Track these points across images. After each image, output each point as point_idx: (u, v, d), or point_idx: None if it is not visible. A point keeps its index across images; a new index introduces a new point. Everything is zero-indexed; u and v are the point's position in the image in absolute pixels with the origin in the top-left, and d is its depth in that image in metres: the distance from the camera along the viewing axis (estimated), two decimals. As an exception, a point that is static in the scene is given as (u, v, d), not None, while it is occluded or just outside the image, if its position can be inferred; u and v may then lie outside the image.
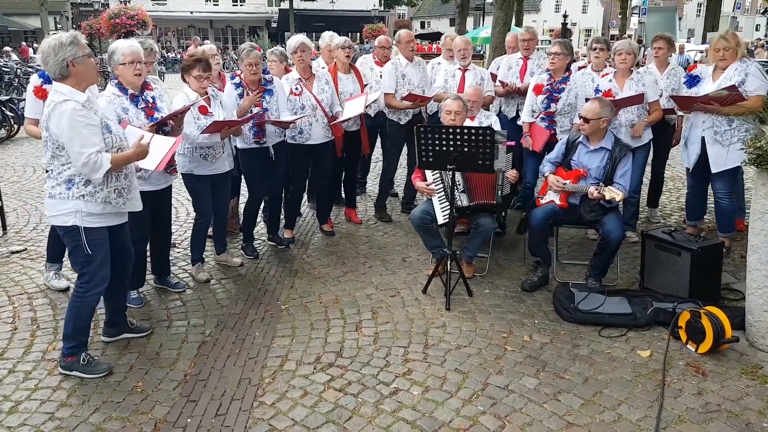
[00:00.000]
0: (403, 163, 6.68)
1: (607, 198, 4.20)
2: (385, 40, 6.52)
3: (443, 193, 4.52)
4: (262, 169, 5.08)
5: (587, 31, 51.50)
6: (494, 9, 11.37)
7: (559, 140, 4.93)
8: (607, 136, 4.50)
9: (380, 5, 50.01)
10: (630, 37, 22.16)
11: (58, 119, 3.06)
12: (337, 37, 5.94)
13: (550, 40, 9.62)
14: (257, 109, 4.82)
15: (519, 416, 3.01)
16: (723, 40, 4.75)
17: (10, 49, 24.59)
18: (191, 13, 45.64)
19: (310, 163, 5.49)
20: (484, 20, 32.44)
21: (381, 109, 6.04)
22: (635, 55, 5.15)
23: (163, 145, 3.57)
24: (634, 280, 4.65)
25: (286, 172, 5.31)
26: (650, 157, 5.85)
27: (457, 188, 4.42)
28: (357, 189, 6.58)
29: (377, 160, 7.45)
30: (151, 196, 4.04)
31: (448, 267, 4.23)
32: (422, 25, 57.38)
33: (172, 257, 4.94)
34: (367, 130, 5.95)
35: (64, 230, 3.27)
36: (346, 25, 40.70)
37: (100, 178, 3.15)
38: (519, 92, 6.02)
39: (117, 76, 3.85)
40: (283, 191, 5.49)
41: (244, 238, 5.26)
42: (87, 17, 34.11)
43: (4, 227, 5.83)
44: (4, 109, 11.03)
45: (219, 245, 4.99)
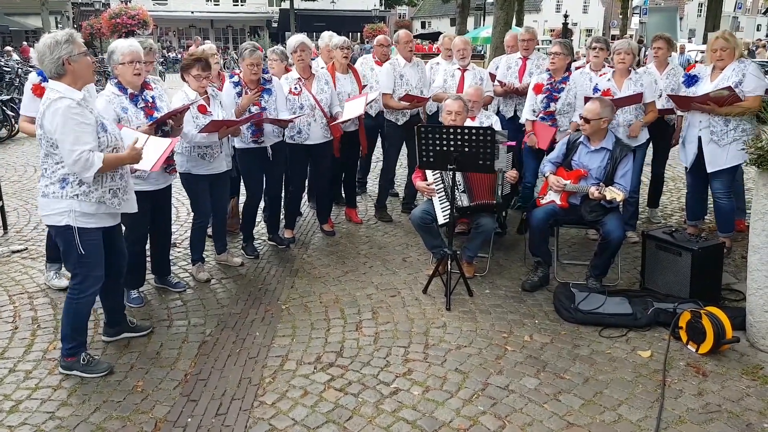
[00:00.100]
0: (404, 163, 6.68)
1: (608, 198, 4.20)
2: (384, 39, 6.52)
3: (444, 193, 4.52)
4: (259, 169, 5.08)
5: (588, 32, 51.42)
6: (495, 9, 11.38)
7: (559, 140, 4.93)
8: (608, 137, 4.50)
9: (381, 5, 49.98)
10: (631, 38, 22.19)
11: (53, 116, 3.03)
12: (336, 36, 5.93)
13: (551, 40, 9.62)
14: (256, 109, 4.82)
15: (519, 416, 3.01)
16: (720, 41, 4.74)
17: (11, 48, 24.65)
18: (192, 12, 45.64)
19: (309, 163, 5.49)
20: (484, 20, 32.51)
21: (381, 108, 6.04)
22: (634, 55, 5.15)
23: (159, 146, 3.56)
24: (635, 281, 4.64)
25: (284, 172, 5.31)
26: (650, 157, 5.87)
27: (458, 188, 4.41)
28: (357, 189, 6.58)
29: (378, 160, 7.44)
30: (151, 196, 4.04)
31: (449, 267, 4.23)
32: (423, 25, 57.36)
33: (173, 257, 4.94)
34: (368, 130, 5.95)
35: (57, 230, 3.23)
36: (347, 25, 40.72)
37: (90, 177, 3.09)
38: (517, 92, 6.02)
39: (116, 76, 3.85)
40: (283, 191, 5.50)
41: (244, 238, 5.26)
42: (88, 17, 34.16)
43: (5, 227, 5.83)
44: (5, 108, 11.03)
45: (219, 245, 4.99)
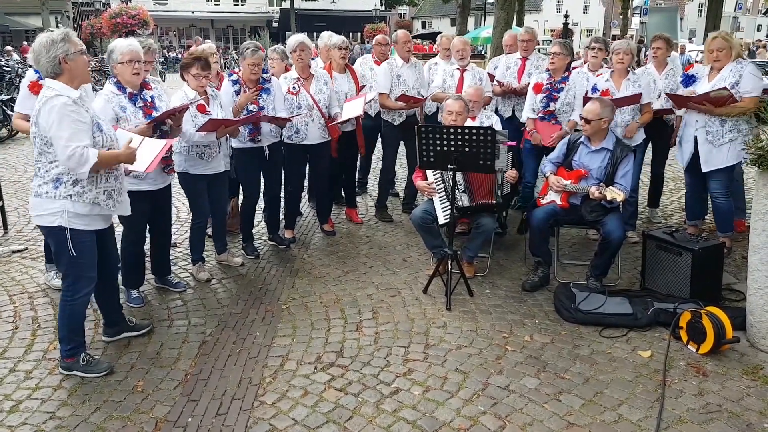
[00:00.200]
0: (404, 163, 6.68)
1: (609, 198, 4.20)
2: (383, 38, 6.51)
3: (444, 192, 4.52)
4: (257, 169, 5.07)
5: (588, 32, 51.36)
6: (495, 9, 11.39)
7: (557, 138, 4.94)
8: (609, 137, 4.50)
9: (381, 5, 49.98)
10: (631, 38, 22.19)
11: (48, 113, 3.01)
12: (335, 36, 5.92)
13: (551, 40, 9.63)
14: (254, 108, 4.82)
15: (519, 416, 3.00)
16: (717, 41, 4.74)
17: (12, 48, 24.66)
18: (192, 12, 45.65)
19: (308, 163, 5.48)
20: (485, 20, 32.52)
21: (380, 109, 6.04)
22: (633, 56, 5.15)
23: (154, 147, 3.54)
24: (635, 281, 4.64)
25: (281, 172, 5.31)
26: (650, 157, 5.86)
27: (458, 188, 4.41)
28: (358, 189, 6.58)
29: (378, 160, 7.43)
30: (151, 196, 4.03)
31: (449, 267, 4.23)
32: (423, 25, 57.34)
33: (173, 257, 4.94)
34: (368, 130, 5.95)
35: (49, 230, 3.19)
36: (348, 25, 40.74)
37: (85, 174, 3.06)
38: (515, 92, 6.02)
39: (116, 75, 3.85)
40: (281, 191, 5.49)
41: (244, 238, 5.25)
42: (88, 17, 34.21)
43: (5, 226, 5.83)
44: (6, 108, 11.02)
45: (219, 245, 4.99)
